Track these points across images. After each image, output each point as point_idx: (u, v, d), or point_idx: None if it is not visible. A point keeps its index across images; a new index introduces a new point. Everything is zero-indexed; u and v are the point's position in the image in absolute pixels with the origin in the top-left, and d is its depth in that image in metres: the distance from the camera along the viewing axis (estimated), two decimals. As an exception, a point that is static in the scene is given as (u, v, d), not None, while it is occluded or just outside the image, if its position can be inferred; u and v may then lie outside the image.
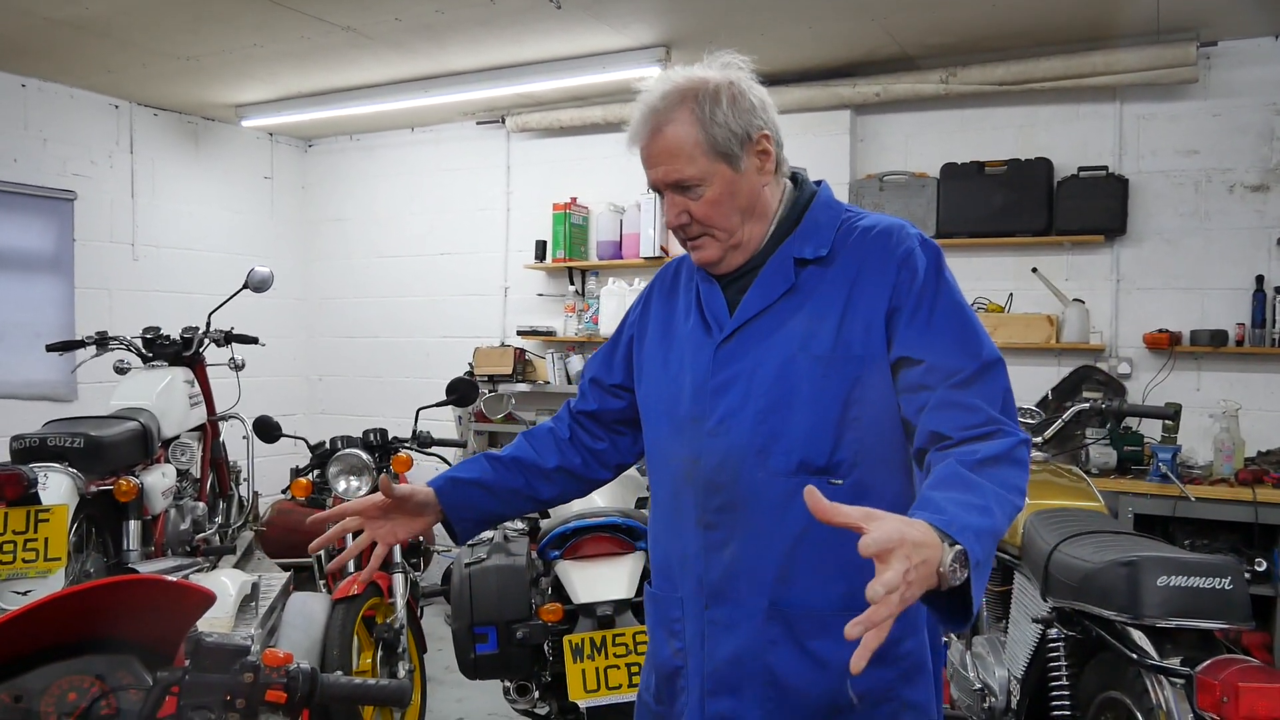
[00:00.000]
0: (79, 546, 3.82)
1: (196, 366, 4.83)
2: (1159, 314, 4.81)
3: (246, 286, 4.80)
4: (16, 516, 3.44)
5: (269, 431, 4.13)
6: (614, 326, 6.60)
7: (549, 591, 3.18)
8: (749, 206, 1.57)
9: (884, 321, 1.50)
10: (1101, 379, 4.79)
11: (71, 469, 3.74)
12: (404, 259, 7.01)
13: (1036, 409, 3.63)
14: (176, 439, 4.54)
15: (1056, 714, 2.61)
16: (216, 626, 2.41)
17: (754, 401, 1.55)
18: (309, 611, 3.41)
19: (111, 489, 3.91)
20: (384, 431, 4.01)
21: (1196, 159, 4.75)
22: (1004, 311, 5.06)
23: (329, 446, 3.96)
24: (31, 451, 3.77)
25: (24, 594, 3.34)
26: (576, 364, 6.07)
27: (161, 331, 4.75)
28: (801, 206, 1.62)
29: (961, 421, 1.41)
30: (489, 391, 6.03)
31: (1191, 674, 2.17)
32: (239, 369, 5.00)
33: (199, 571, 4.02)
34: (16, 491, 3.46)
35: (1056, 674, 2.64)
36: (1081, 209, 4.80)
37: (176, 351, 4.72)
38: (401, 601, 3.64)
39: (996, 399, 1.45)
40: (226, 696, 1.16)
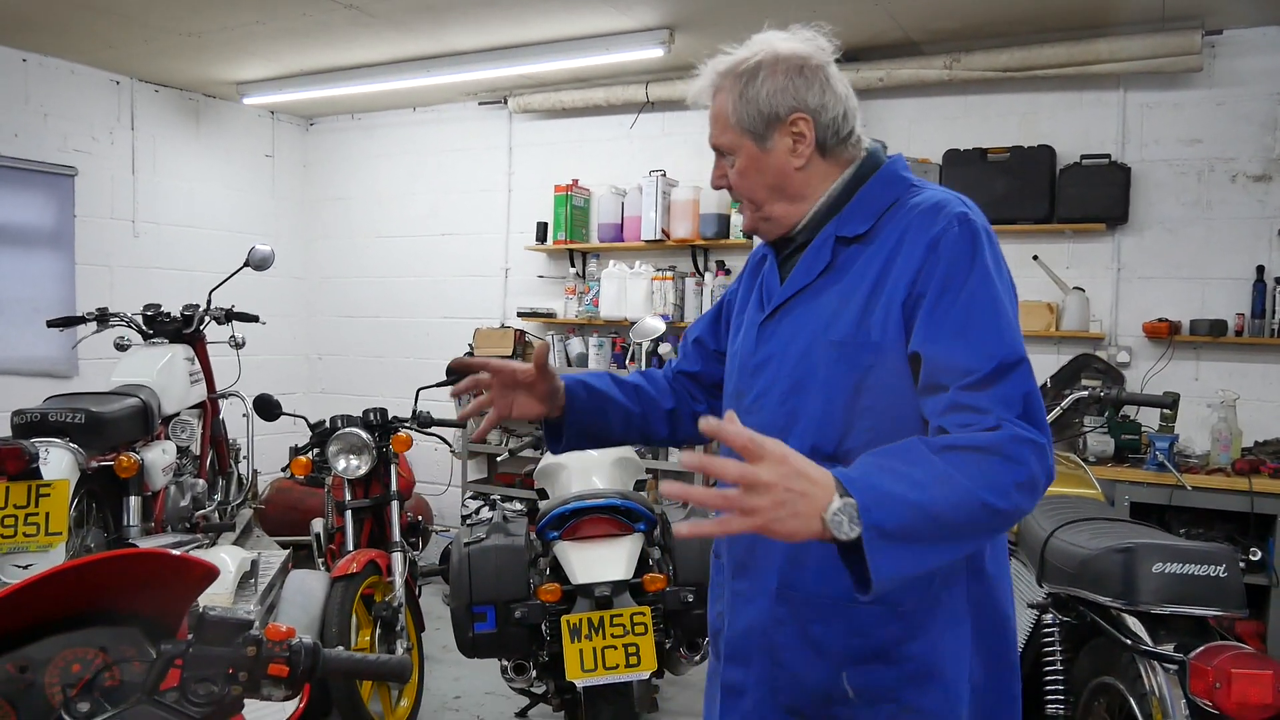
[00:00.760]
0: (79, 522, 3.83)
1: (197, 344, 4.84)
2: (1159, 303, 4.81)
3: (247, 265, 4.79)
4: (18, 491, 3.45)
5: (269, 410, 4.13)
6: (614, 309, 6.53)
7: (547, 572, 3.19)
8: (777, 185, 1.56)
9: (901, 308, 1.43)
10: (1100, 367, 4.80)
11: (72, 444, 3.75)
12: (405, 239, 7.00)
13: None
14: (177, 416, 4.55)
15: (1050, 699, 2.63)
16: (217, 602, 2.43)
17: (780, 383, 1.56)
18: (308, 589, 3.43)
19: (112, 465, 3.93)
20: (384, 411, 4.01)
21: (1199, 148, 4.74)
22: (1004, 299, 5.06)
23: (329, 425, 3.96)
24: (33, 426, 3.78)
25: (25, 568, 3.36)
26: (576, 346, 6.07)
27: (162, 309, 4.75)
28: (858, 183, 1.57)
29: (968, 425, 1.32)
30: (489, 373, 6.02)
31: (1185, 660, 2.19)
32: (239, 347, 4.99)
33: (199, 548, 4.05)
34: (18, 466, 3.47)
35: (1051, 659, 2.65)
36: (1083, 197, 4.79)
37: (177, 329, 4.73)
38: (400, 580, 3.66)
39: (1015, 402, 1.32)
40: (229, 670, 1.17)
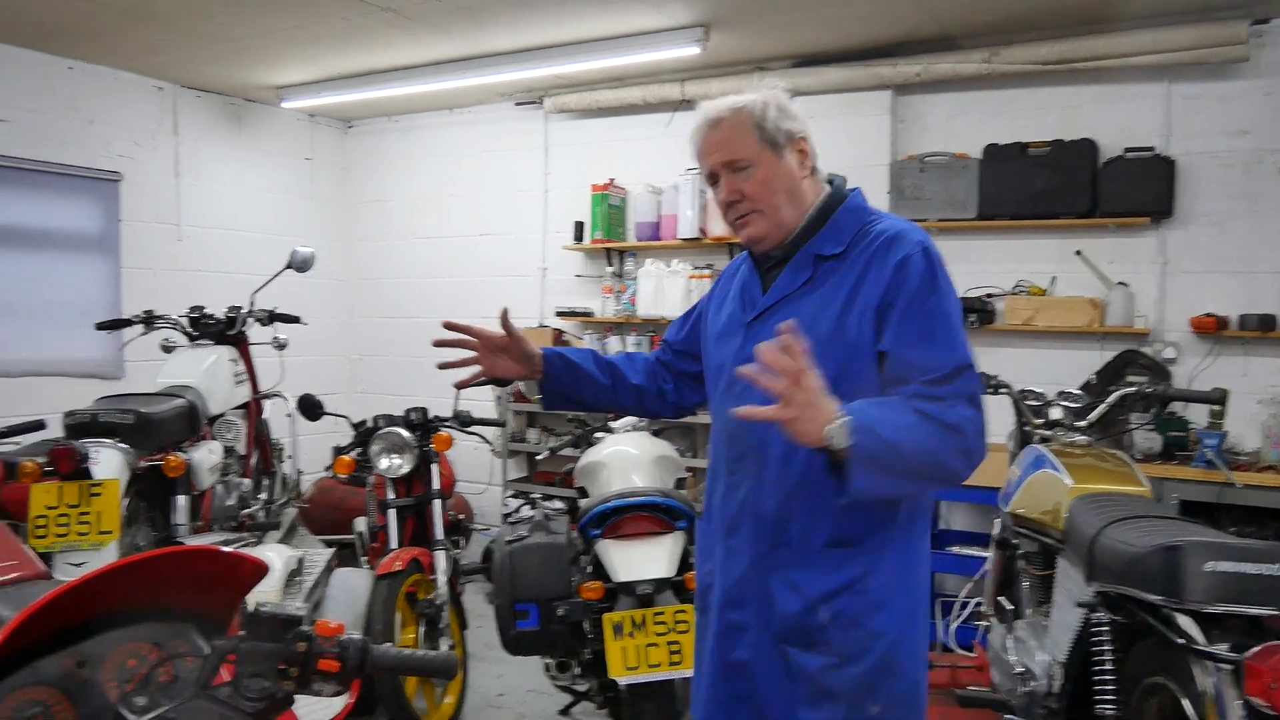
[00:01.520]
0: (129, 521, 3.88)
1: (240, 345, 4.90)
2: (1206, 298, 4.72)
3: (289, 267, 4.84)
4: (70, 490, 3.52)
5: (312, 410, 4.17)
6: (651, 307, 6.57)
7: (589, 570, 3.19)
8: (790, 190, 1.88)
9: (875, 313, 1.76)
10: (1146, 363, 4.72)
11: (122, 444, 3.81)
12: (443, 240, 7.05)
13: (1080, 392, 3.58)
14: (222, 416, 4.61)
15: (1100, 698, 2.59)
16: (265, 599, 2.45)
17: None
18: (353, 586, 3.46)
19: (160, 464, 3.99)
20: (424, 410, 4.03)
21: (1246, 139, 4.64)
22: (1045, 295, 5.00)
23: (371, 425, 4.00)
24: (84, 427, 3.84)
25: (78, 566, 3.41)
26: (614, 345, 6.08)
27: (206, 311, 4.82)
28: (830, 209, 1.90)
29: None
30: (527, 372, 6.04)
31: (1240, 660, 2.14)
32: (282, 348, 5.04)
33: (245, 546, 4.10)
34: (70, 466, 3.54)
35: (1100, 658, 2.61)
36: (1127, 191, 4.72)
37: (221, 330, 4.79)
38: (443, 578, 3.68)
39: (965, 395, 1.70)
40: (281, 665, 1.19)
